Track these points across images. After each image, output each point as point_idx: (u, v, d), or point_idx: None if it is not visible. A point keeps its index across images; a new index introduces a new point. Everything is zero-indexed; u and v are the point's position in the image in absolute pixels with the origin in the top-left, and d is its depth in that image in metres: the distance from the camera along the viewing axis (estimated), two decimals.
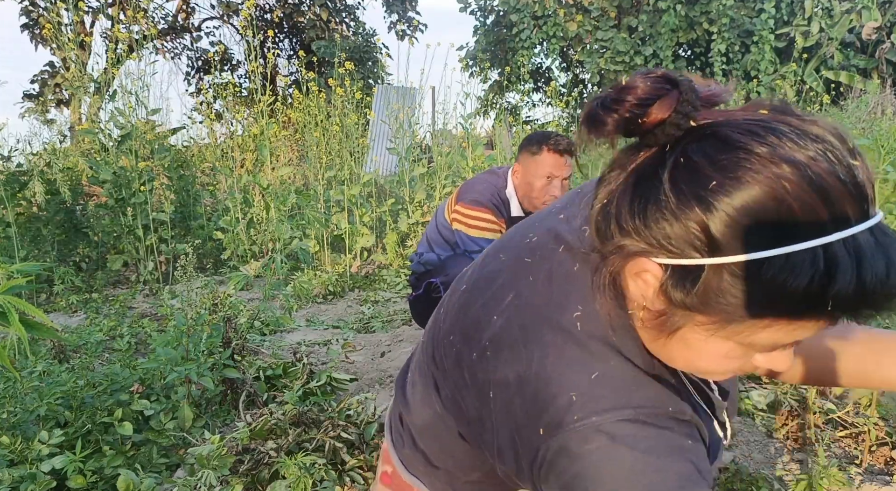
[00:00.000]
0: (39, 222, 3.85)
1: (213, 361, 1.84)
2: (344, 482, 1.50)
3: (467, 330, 0.71)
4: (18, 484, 1.37)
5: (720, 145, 0.50)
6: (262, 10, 13.79)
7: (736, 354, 0.56)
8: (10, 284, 1.31)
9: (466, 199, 2.28)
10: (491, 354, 0.66)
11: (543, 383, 0.60)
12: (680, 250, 0.51)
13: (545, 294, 0.65)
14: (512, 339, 0.64)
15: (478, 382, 0.67)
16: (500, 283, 0.70)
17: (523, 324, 0.65)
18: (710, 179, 0.48)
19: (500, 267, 0.73)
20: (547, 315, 0.64)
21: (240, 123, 5.66)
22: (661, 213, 0.51)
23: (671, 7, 11.41)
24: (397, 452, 0.88)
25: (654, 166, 0.53)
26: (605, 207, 0.57)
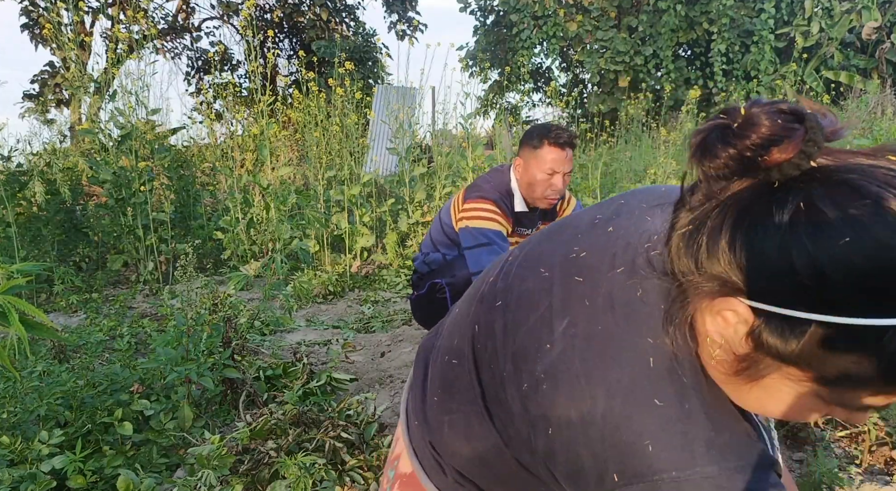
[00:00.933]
0: (39, 222, 3.85)
1: (213, 361, 1.84)
2: (344, 482, 1.50)
3: (516, 358, 0.64)
4: (18, 484, 1.37)
5: (851, 194, 0.45)
6: (262, 10, 13.79)
7: (819, 408, 0.51)
8: (10, 284, 1.31)
9: (472, 196, 2.28)
10: (548, 388, 0.60)
11: (612, 428, 0.55)
12: (785, 299, 0.46)
13: (607, 323, 0.59)
14: (572, 373, 0.58)
15: (531, 415, 0.61)
16: (548, 305, 0.64)
17: (584, 357, 0.58)
18: (835, 230, 0.44)
19: (543, 285, 0.66)
20: (613, 349, 0.58)
21: (240, 123, 5.66)
22: (774, 258, 0.46)
23: (671, 7, 11.41)
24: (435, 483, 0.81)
25: (765, 204, 0.48)
26: (693, 235, 0.51)
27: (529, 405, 0.61)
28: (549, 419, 0.59)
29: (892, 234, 0.42)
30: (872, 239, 0.43)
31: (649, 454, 0.53)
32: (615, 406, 0.55)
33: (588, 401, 0.56)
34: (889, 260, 0.42)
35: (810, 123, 0.47)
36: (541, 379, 0.60)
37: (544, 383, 0.60)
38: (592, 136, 6.27)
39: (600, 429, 0.55)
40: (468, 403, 0.72)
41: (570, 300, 0.62)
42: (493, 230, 2.19)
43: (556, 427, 0.58)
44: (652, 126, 7.17)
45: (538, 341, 0.62)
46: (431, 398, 0.80)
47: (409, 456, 0.85)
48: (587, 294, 0.61)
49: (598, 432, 0.56)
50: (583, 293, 0.62)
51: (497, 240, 2.17)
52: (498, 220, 2.21)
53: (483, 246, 2.17)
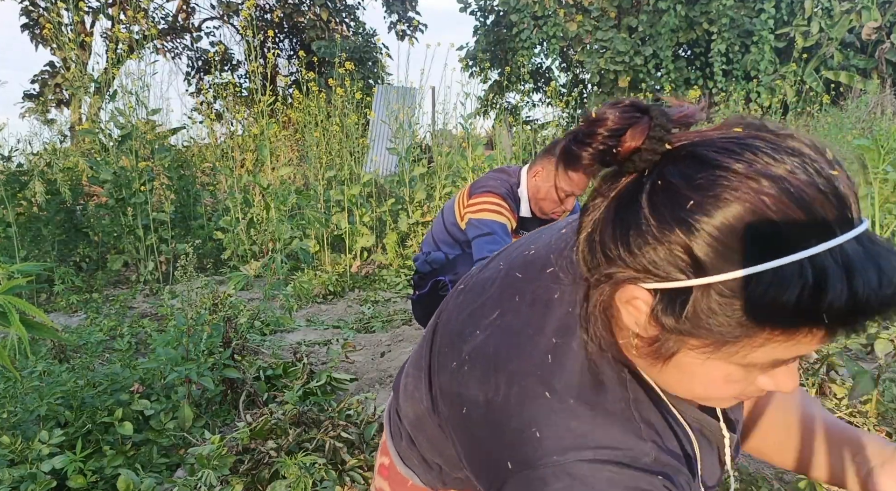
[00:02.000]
0: (40, 222, 3.85)
1: (213, 361, 1.84)
2: (344, 482, 1.50)
3: (453, 335, 0.70)
4: (18, 484, 1.37)
5: (696, 165, 0.50)
6: (262, 10, 13.79)
7: (736, 376, 0.54)
8: (11, 284, 1.31)
9: (479, 191, 2.27)
10: (467, 369, 0.65)
11: (507, 416, 0.60)
12: (666, 274, 0.50)
13: (524, 320, 0.64)
14: (486, 359, 0.64)
15: (452, 391, 0.67)
16: (490, 294, 0.69)
17: (497, 347, 0.64)
18: (688, 199, 0.48)
19: (494, 276, 0.71)
20: (519, 343, 0.63)
21: (240, 123, 5.66)
22: (644, 238, 0.50)
23: (671, 7, 11.41)
24: (394, 445, 0.88)
25: (634, 192, 0.52)
26: (591, 236, 0.56)
27: (453, 381, 0.67)
28: (463, 398, 0.64)
29: (732, 191, 0.47)
30: (715, 199, 0.47)
31: (536, 440, 0.57)
32: (511, 395, 0.60)
33: (493, 387, 0.61)
34: (732, 216, 0.46)
35: (654, 112, 0.52)
36: (465, 360, 0.66)
37: (466, 365, 0.65)
38: None
39: (497, 414, 0.60)
40: (417, 369, 0.79)
41: (505, 293, 0.68)
42: (498, 222, 2.19)
43: (468, 406, 0.64)
44: None
45: (473, 326, 0.68)
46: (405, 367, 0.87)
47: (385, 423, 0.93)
48: (520, 290, 0.66)
49: (495, 417, 0.60)
50: (517, 289, 0.67)
51: (499, 231, 2.17)
52: (503, 213, 2.21)
53: (485, 235, 2.17)
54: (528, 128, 6.19)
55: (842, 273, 0.45)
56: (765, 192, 0.46)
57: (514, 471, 0.59)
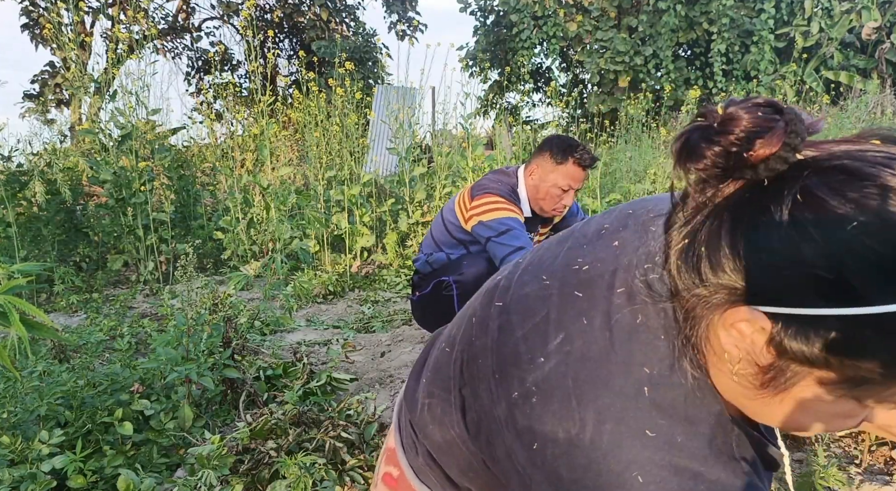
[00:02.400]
0: (40, 222, 3.85)
1: (213, 361, 1.84)
2: (344, 482, 1.50)
3: (506, 362, 0.63)
4: (18, 484, 1.37)
5: (847, 179, 0.43)
6: (262, 11, 13.80)
7: (857, 413, 0.48)
8: (11, 284, 1.31)
9: (479, 193, 2.27)
10: (537, 402, 0.58)
11: (600, 454, 0.53)
12: (801, 299, 0.43)
13: (603, 347, 0.57)
14: (563, 392, 0.57)
15: (517, 425, 0.60)
16: (545, 315, 0.62)
17: (577, 378, 0.56)
18: (843, 215, 0.42)
19: (542, 293, 0.64)
20: (606, 374, 0.55)
21: (240, 123, 5.66)
22: (781, 256, 0.44)
23: (671, 7, 11.41)
24: (408, 460, 0.83)
25: (759, 200, 0.46)
26: (690, 248, 0.49)
27: (517, 414, 0.60)
28: (535, 433, 0.58)
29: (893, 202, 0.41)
30: (880, 220, 0.41)
31: (638, 484, 0.51)
32: (604, 432, 0.54)
33: (577, 423, 0.55)
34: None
35: (790, 115, 0.47)
36: (531, 391, 0.59)
37: (534, 396, 0.58)
38: (592, 136, 6.27)
39: (587, 453, 0.54)
40: (445, 391, 0.73)
41: (567, 314, 0.60)
42: (511, 217, 2.18)
43: (542, 443, 0.57)
44: (652, 126, 7.17)
45: (531, 351, 0.61)
46: (422, 380, 0.81)
47: (394, 431, 0.88)
48: (585, 311, 0.59)
49: (583, 457, 0.54)
50: (581, 310, 0.60)
51: (516, 225, 2.16)
52: (510, 208, 2.21)
53: (503, 234, 2.15)
54: (528, 128, 6.19)
55: None
56: None
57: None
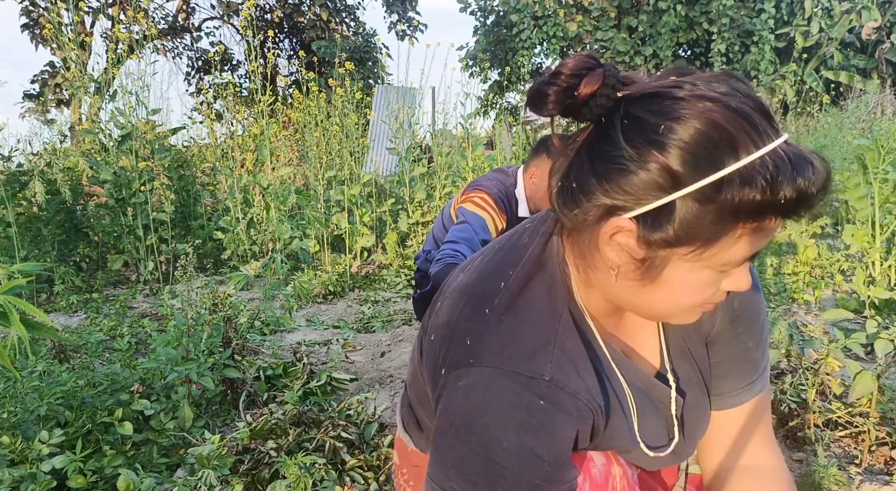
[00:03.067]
0: (40, 222, 3.85)
1: (213, 361, 1.84)
2: (344, 482, 1.50)
3: (444, 286, 0.82)
4: (18, 484, 1.37)
5: (653, 99, 0.59)
6: (263, 10, 13.80)
7: (709, 280, 0.63)
8: (11, 285, 1.31)
9: (472, 188, 2.31)
10: (440, 305, 0.77)
11: (453, 329, 0.71)
12: (650, 196, 0.58)
13: (498, 261, 0.75)
14: (456, 292, 0.75)
15: (431, 326, 0.78)
16: (491, 246, 0.81)
17: (469, 280, 0.75)
18: (657, 125, 0.57)
19: (502, 238, 0.82)
20: (487, 275, 0.74)
21: (240, 123, 5.66)
22: (624, 166, 0.58)
23: (671, 7, 11.41)
24: (400, 414, 0.98)
25: (602, 134, 0.61)
26: (564, 185, 0.63)
27: (431, 319, 0.79)
28: (434, 328, 0.76)
29: (688, 111, 0.56)
30: (677, 119, 0.56)
31: (466, 348, 0.68)
32: (463, 315, 0.71)
33: (455, 311, 0.73)
34: (695, 130, 0.55)
35: (607, 65, 0.61)
36: (444, 297, 0.78)
37: (442, 300, 0.78)
38: None
39: (450, 330, 0.71)
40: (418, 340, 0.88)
41: (492, 248, 0.80)
42: (473, 212, 2.20)
43: (435, 333, 0.75)
44: None
45: (460, 271, 0.81)
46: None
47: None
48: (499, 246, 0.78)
49: (447, 334, 0.72)
50: (503, 245, 0.78)
51: (472, 221, 2.17)
52: (487, 210, 2.22)
53: (459, 223, 2.20)
54: (528, 128, 6.18)
55: (788, 165, 0.55)
56: (712, 109, 0.56)
57: (445, 374, 0.69)
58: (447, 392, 0.68)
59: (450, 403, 0.67)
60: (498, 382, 0.65)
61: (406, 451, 0.97)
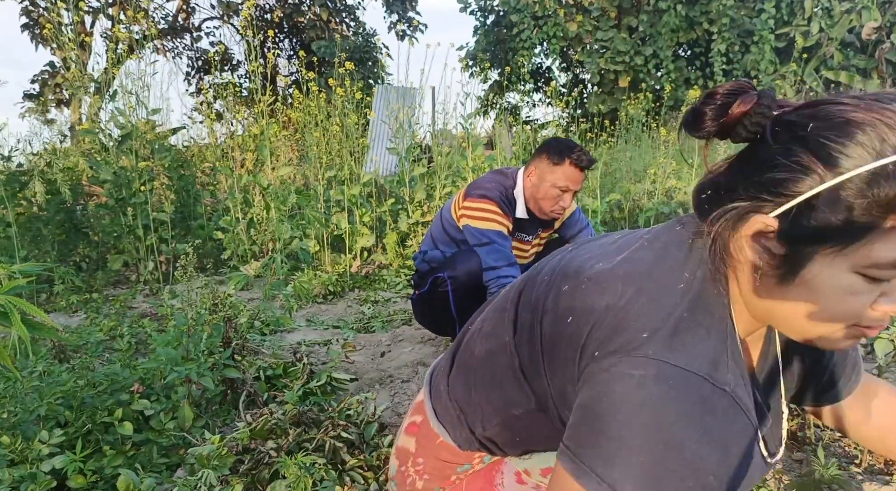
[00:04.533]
0: (40, 222, 3.85)
1: (213, 361, 1.84)
2: (344, 482, 1.50)
3: (568, 271, 0.75)
4: (18, 484, 1.37)
5: (807, 107, 0.60)
6: (262, 11, 13.80)
7: (859, 288, 0.59)
8: (11, 285, 1.31)
9: (474, 194, 2.29)
10: (586, 287, 0.70)
11: (626, 315, 0.65)
12: (794, 191, 0.58)
13: (656, 255, 0.70)
14: (612, 278, 0.69)
15: (559, 308, 0.72)
16: (611, 242, 0.77)
17: (627, 270, 0.69)
18: (807, 125, 0.58)
19: (614, 238, 0.79)
20: (651, 269, 0.69)
21: (240, 123, 5.66)
22: (768, 163, 0.60)
23: (671, 7, 11.40)
24: (432, 403, 0.95)
25: (754, 145, 0.63)
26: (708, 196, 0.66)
27: (562, 301, 0.72)
28: (575, 310, 0.70)
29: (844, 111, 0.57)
30: (831, 117, 0.57)
31: (642, 338, 0.63)
32: (638, 302, 0.66)
33: (617, 296, 0.67)
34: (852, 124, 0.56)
35: (761, 89, 0.64)
36: (583, 281, 0.71)
37: (584, 284, 0.71)
38: (592, 136, 6.27)
39: (619, 316, 0.65)
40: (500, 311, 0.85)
41: (630, 244, 0.75)
42: (493, 230, 2.23)
43: (578, 314, 0.69)
44: (652, 126, 7.17)
45: (593, 261, 0.74)
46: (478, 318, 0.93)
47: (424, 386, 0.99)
48: (647, 240, 0.74)
49: (613, 318, 0.66)
50: (643, 240, 0.74)
51: (497, 239, 2.23)
52: (498, 220, 2.24)
53: (484, 245, 2.22)
54: (528, 128, 6.18)
55: None
56: (862, 107, 0.56)
57: (603, 358, 0.64)
58: (610, 377, 0.62)
59: (615, 389, 0.61)
60: (683, 382, 0.61)
61: (433, 442, 0.93)
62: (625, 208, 4.83)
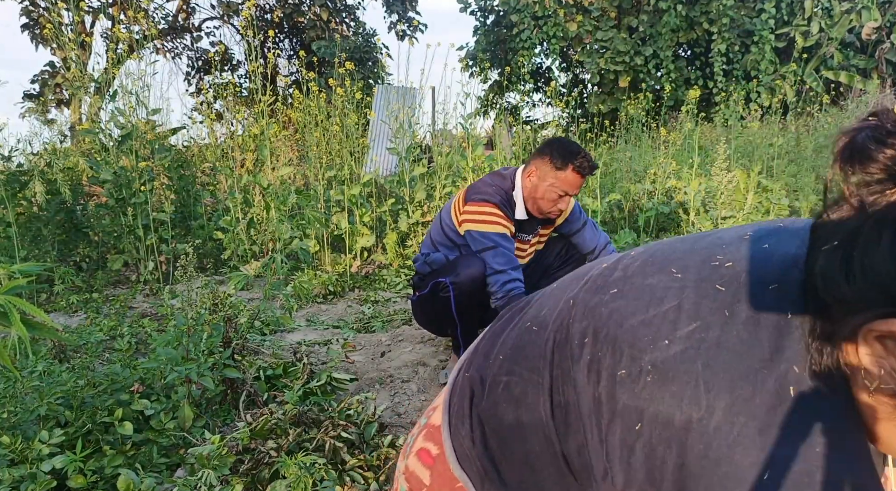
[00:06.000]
0: (40, 222, 3.85)
1: (213, 361, 1.84)
2: (344, 482, 1.50)
3: (618, 342, 0.59)
4: (19, 484, 1.37)
5: None
6: (263, 11, 13.80)
7: None
8: (11, 285, 1.31)
9: (475, 198, 2.28)
10: (651, 381, 0.55)
11: (723, 443, 0.49)
12: None
13: (748, 340, 0.52)
14: (688, 375, 0.53)
15: (618, 404, 0.57)
16: (678, 304, 0.58)
17: (709, 364, 0.52)
18: None
19: (672, 283, 0.60)
20: (747, 365, 0.51)
21: (240, 123, 5.66)
22: None
23: (671, 7, 11.41)
24: (453, 442, 0.79)
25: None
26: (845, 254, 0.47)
27: (620, 392, 0.57)
28: (644, 413, 0.55)
29: None
30: None
31: (761, 485, 0.47)
32: (736, 423, 0.49)
33: (702, 409, 0.51)
34: None
35: None
36: (646, 370, 0.55)
37: (649, 375, 0.55)
38: (592, 136, 6.28)
39: (707, 441, 0.50)
40: (532, 371, 0.70)
41: (704, 306, 0.56)
42: (497, 233, 2.22)
43: (649, 423, 0.54)
44: (652, 126, 7.18)
45: (655, 335, 0.57)
46: (497, 357, 0.78)
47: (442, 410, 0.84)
48: (728, 305, 0.55)
49: (700, 445, 0.50)
50: (724, 303, 0.55)
51: (502, 242, 2.22)
52: (500, 222, 2.23)
53: (489, 249, 2.21)
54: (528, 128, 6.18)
55: None
56: None
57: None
58: None
59: None
60: None
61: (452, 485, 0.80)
62: (625, 208, 4.83)
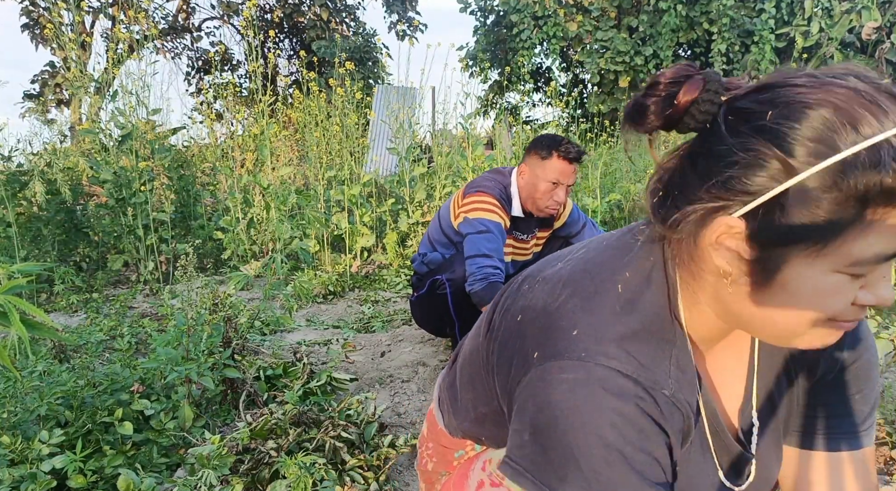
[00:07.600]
0: (40, 222, 3.85)
1: (213, 361, 1.84)
2: (344, 482, 1.50)
3: (534, 271, 0.75)
4: (19, 484, 1.37)
5: (761, 91, 0.54)
6: (263, 11, 13.79)
7: (840, 286, 0.54)
8: (11, 284, 1.31)
9: (473, 191, 2.30)
10: (537, 285, 0.71)
11: (557, 317, 0.64)
12: (759, 188, 0.52)
13: (606, 257, 0.69)
14: (557, 278, 0.69)
15: (515, 305, 0.72)
16: (585, 245, 0.75)
17: (573, 270, 0.69)
18: (765, 113, 0.52)
19: (597, 240, 0.77)
20: (596, 270, 0.67)
21: (240, 123, 5.66)
22: (729, 159, 0.53)
23: (671, 7, 11.41)
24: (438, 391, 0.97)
25: (705, 138, 0.57)
26: (663, 194, 0.60)
27: (519, 298, 0.72)
28: (523, 308, 0.70)
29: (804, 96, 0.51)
30: (788, 105, 0.52)
31: (573, 337, 0.62)
32: (570, 303, 0.65)
33: (554, 296, 0.67)
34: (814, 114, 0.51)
35: (706, 70, 0.57)
36: (538, 281, 0.71)
37: (538, 283, 0.71)
38: (592, 136, 6.27)
39: (552, 317, 0.65)
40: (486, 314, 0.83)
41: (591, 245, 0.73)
42: (492, 220, 2.21)
43: (524, 314, 0.69)
44: None
45: (555, 260, 0.74)
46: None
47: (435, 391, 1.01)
48: (608, 242, 0.72)
49: (547, 319, 0.65)
50: (605, 242, 0.72)
51: (494, 229, 2.19)
52: (497, 212, 2.23)
53: (481, 233, 2.18)
54: (528, 128, 6.18)
55: None
56: (834, 93, 0.51)
57: (538, 361, 0.63)
58: (544, 383, 0.61)
59: (549, 395, 0.61)
60: (615, 384, 0.59)
61: (435, 427, 0.97)
62: (625, 208, 4.83)
